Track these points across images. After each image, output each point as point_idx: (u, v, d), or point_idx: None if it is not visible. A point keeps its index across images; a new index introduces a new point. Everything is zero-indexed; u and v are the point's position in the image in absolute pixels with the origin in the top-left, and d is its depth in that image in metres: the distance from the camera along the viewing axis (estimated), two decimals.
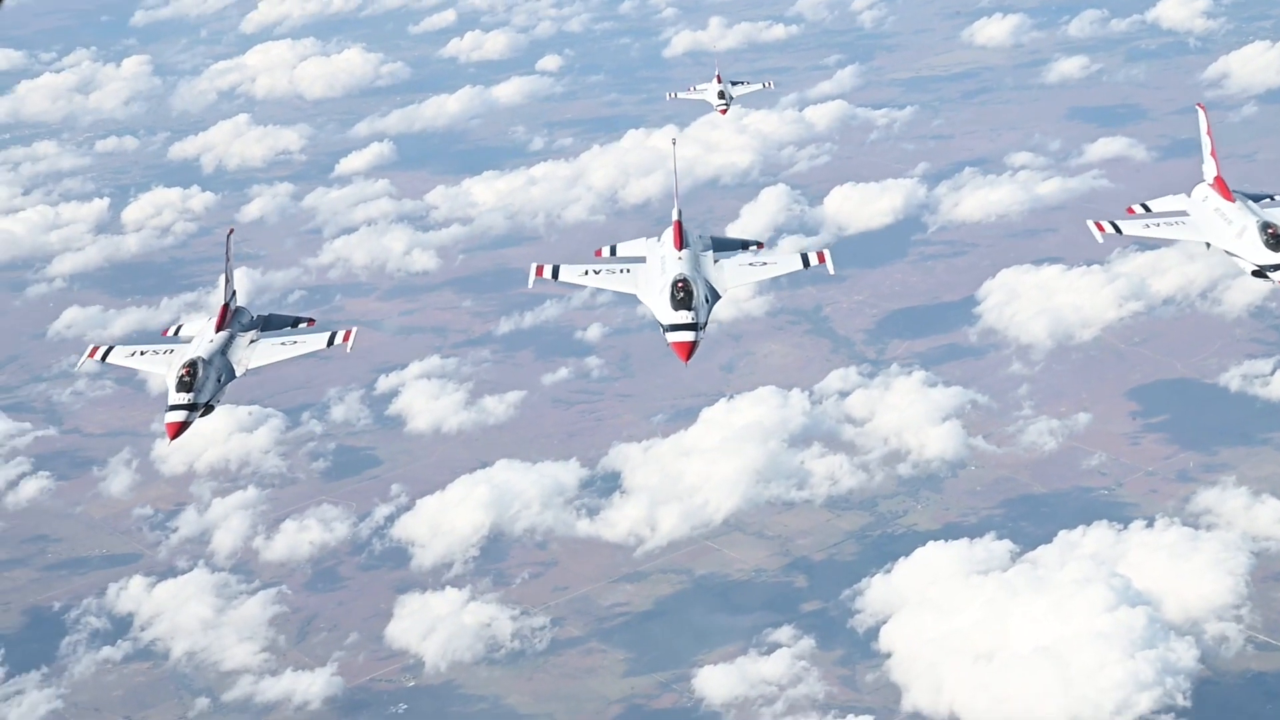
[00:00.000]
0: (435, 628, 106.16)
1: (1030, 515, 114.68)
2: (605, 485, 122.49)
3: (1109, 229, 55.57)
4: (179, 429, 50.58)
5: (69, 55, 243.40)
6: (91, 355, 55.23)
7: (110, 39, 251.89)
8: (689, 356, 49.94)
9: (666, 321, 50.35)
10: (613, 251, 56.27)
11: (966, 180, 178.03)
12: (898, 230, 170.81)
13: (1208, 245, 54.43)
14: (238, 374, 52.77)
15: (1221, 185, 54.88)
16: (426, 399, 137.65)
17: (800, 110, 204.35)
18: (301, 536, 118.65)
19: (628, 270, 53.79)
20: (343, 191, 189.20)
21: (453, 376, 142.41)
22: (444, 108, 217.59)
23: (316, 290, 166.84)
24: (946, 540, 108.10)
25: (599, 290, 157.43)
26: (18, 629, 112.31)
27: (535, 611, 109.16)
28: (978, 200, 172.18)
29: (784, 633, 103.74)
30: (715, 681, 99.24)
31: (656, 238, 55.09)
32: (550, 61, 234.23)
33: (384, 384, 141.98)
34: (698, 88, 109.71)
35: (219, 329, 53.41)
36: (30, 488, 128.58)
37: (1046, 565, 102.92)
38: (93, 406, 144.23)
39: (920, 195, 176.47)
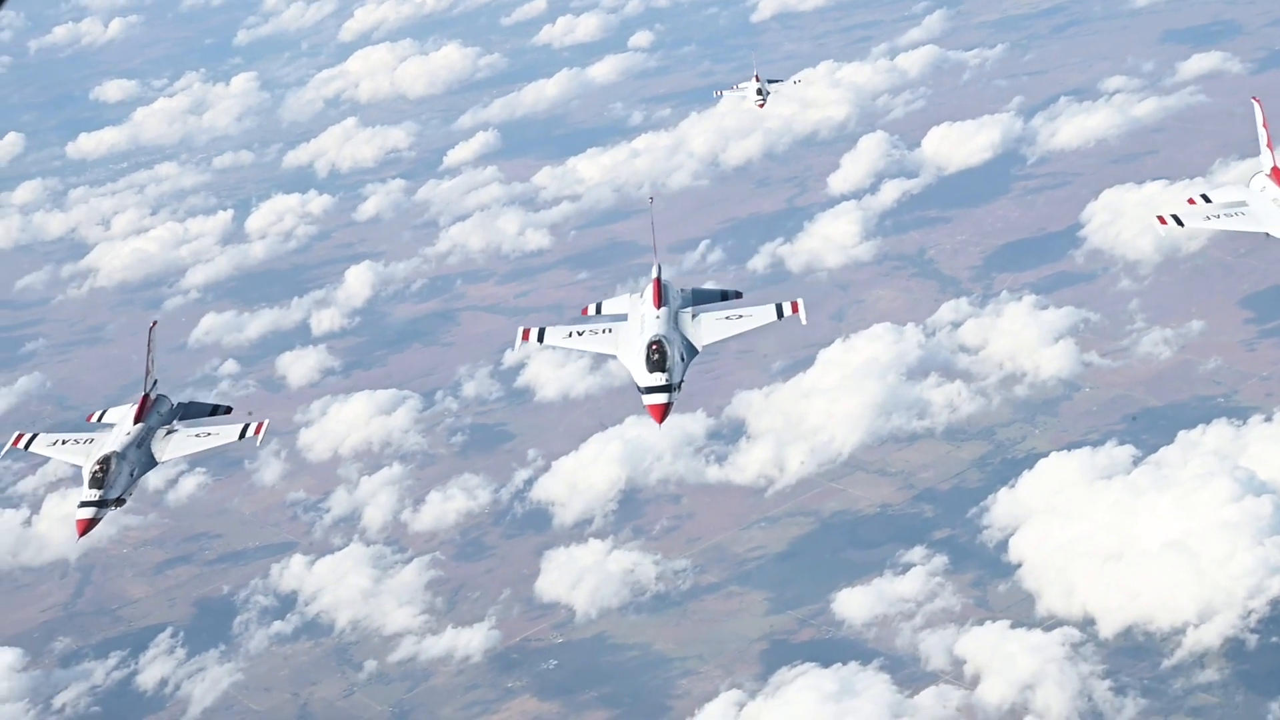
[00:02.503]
0: (583, 577, 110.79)
1: (1149, 429, 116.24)
2: (731, 432, 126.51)
3: (1171, 222, 56.50)
4: (88, 525, 50.77)
5: (180, 80, 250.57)
6: (15, 443, 55.55)
7: (217, 60, 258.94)
8: (663, 418, 50.15)
9: (642, 384, 50.53)
10: (598, 309, 56.74)
11: (1062, 110, 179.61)
12: (997, 165, 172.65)
13: (1268, 235, 54.97)
14: (158, 463, 53.26)
15: (1278, 175, 55.45)
16: (552, 368, 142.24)
17: (892, 59, 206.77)
18: (447, 506, 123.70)
19: (609, 330, 54.02)
20: (453, 182, 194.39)
21: None
22: (543, 93, 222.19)
23: (438, 279, 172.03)
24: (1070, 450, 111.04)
25: (710, 252, 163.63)
26: (190, 618, 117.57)
27: (675, 557, 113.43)
28: (1075, 127, 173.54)
29: (916, 553, 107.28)
30: (854, 603, 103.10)
31: (639, 294, 55.15)
32: (642, 38, 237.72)
33: (510, 358, 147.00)
34: (739, 86, 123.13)
35: (137, 420, 53.52)
36: (189, 484, 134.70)
37: (1169, 465, 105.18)
38: (233, 412, 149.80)
39: (1017, 129, 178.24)
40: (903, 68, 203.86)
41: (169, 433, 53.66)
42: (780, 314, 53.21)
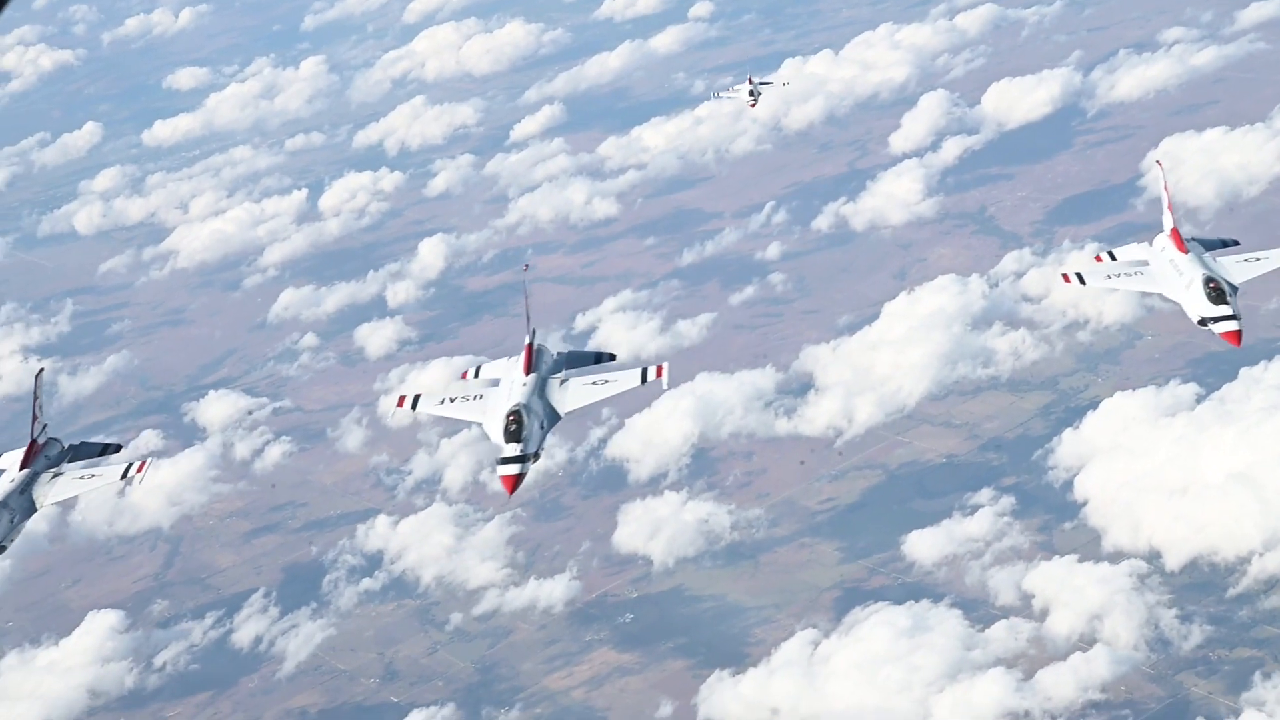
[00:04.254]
0: (659, 528, 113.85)
1: (1212, 373, 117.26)
2: (800, 386, 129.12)
3: (1075, 280, 57.37)
4: None
5: (250, 66, 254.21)
6: None
7: (285, 46, 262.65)
8: (513, 489, 50.07)
9: (500, 454, 50.50)
10: (477, 373, 56.10)
11: (1121, 62, 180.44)
12: (1058, 119, 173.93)
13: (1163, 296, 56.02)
14: (39, 508, 53.02)
15: (1176, 237, 56.53)
16: (624, 330, 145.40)
17: (951, 19, 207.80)
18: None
19: (480, 396, 53.70)
20: (521, 155, 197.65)
21: (645, 307, 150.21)
22: (606, 65, 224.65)
23: (509, 250, 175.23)
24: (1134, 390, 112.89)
25: (774, 214, 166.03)
26: (280, 581, 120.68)
27: (749, 508, 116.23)
28: (1134, 79, 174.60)
29: (984, 495, 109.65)
30: (924, 544, 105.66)
31: (517, 357, 54.65)
32: (702, 8, 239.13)
33: (581, 322, 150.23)
34: (735, 88, 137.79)
35: (23, 466, 53.45)
36: (274, 453, 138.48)
37: (1233, 400, 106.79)
38: (313, 384, 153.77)
39: (1076, 82, 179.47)
40: (962, 27, 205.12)
41: (55, 476, 53.62)
42: (644, 379, 53.34)
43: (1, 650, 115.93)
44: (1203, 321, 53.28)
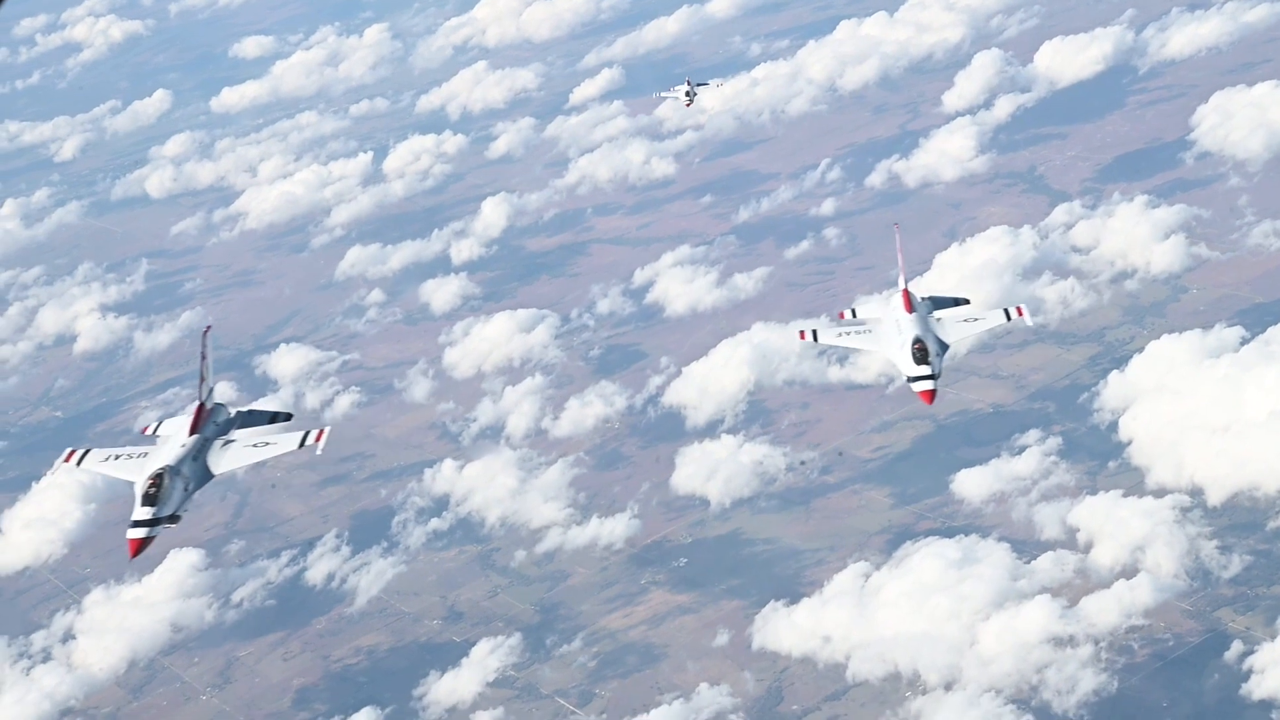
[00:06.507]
0: (716, 470, 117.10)
1: (1257, 324, 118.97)
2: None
3: (809, 337, 58.92)
4: None
5: (314, 34, 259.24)
6: None
7: (349, 14, 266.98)
8: (135, 553, 48.84)
9: (133, 516, 49.13)
10: (157, 429, 53.99)
11: (1174, 20, 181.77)
12: (1109, 77, 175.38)
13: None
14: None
15: (905, 297, 57.71)
16: (681, 284, 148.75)
17: None
18: (586, 412, 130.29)
19: (145, 455, 51.74)
20: (580, 118, 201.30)
21: (702, 262, 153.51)
22: (664, 30, 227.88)
23: (568, 211, 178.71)
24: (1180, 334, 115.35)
25: (829, 170, 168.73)
26: (351, 527, 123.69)
27: (803, 453, 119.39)
28: (1186, 36, 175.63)
29: (1031, 436, 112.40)
30: (972, 482, 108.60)
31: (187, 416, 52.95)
32: None
33: (640, 277, 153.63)
34: (674, 88, 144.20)
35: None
36: (344, 402, 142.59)
37: (1277, 341, 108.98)
38: (379, 340, 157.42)
39: (1128, 41, 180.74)
40: None
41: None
42: (303, 443, 51.86)
43: (87, 587, 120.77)
44: (909, 380, 54.74)
